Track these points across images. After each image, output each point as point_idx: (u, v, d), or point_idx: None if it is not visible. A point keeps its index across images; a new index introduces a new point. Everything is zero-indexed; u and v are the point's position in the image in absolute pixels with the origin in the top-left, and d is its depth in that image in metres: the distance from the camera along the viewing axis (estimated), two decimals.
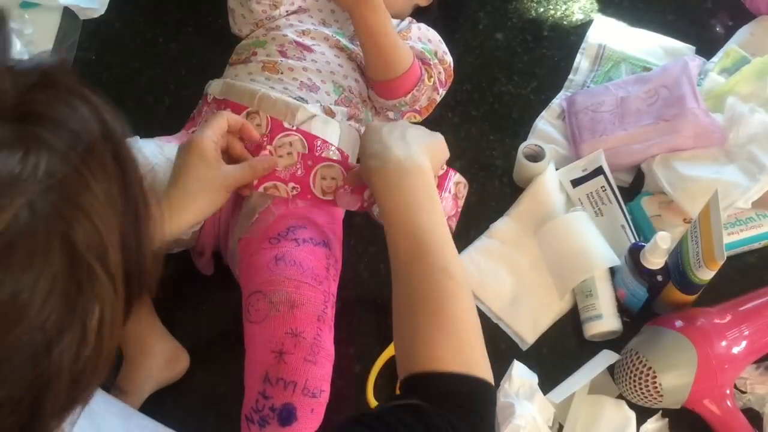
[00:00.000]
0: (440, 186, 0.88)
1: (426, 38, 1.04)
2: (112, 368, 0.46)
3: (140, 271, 0.42)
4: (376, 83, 0.99)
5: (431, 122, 1.13)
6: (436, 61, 1.02)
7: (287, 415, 0.77)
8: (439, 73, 1.01)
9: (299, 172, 0.89)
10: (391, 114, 1.04)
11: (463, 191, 0.92)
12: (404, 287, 0.70)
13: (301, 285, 0.82)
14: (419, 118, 1.05)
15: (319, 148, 0.93)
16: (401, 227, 0.72)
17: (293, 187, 0.88)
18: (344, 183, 0.87)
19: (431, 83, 0.99)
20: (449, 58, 1.05)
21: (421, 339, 0.66)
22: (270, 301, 0.80)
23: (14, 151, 0.35)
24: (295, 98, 0.94)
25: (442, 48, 1.05)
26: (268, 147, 0.88)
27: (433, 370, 0.64)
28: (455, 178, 0.90)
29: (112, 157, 0.40)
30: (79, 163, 0.37)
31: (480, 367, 0.66)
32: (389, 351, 0.91)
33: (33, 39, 1.12)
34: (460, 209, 0.93)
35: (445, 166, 0.88)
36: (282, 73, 0.96)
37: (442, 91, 1.04)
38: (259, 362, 0.79)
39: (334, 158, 0.92)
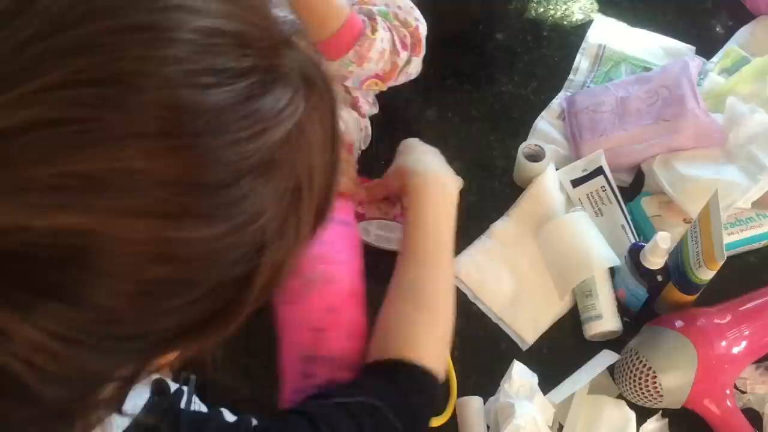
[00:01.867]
0: None
1: (395, 4, 1.00)
2: None
3: (326, 204, 0.49)
4: (318, 45, 0.96)
5: (431, 122, 1.13)
6: (396, 23, 0.97)
7: None
8: (404, 36, 0.96)
9: None
10: (349, 82, 0.98)
11: None
12: (411, 279, 0.79)
13: (332, 262, 0.82)
14: (383, 85, 0.99)
15: None
16: (426, 228, 0.81)
17: None
18: (369, 197, 0.92)
19: (375, 37, 0.92)
20: (416, 22, 0.98)
21: (412, 329, 0.74)
22: (305, 280, 0.80)
23: (286, 91, 0.41)
24: None
25: (414, 15, 0.99)
26: None
27: (415, 361, 0.71)
28: None
29: (328, 108, 0.46)
30: (312, 106, 0.43)
31: (443, 371, 0.76)
32: None
33: None
34: None
35: None
36: None
37: (405, 54, 0.97)
38: (297, 342, 0.79)
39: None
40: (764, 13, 1.14)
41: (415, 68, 1.01)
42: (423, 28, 0.99)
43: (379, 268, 1.00)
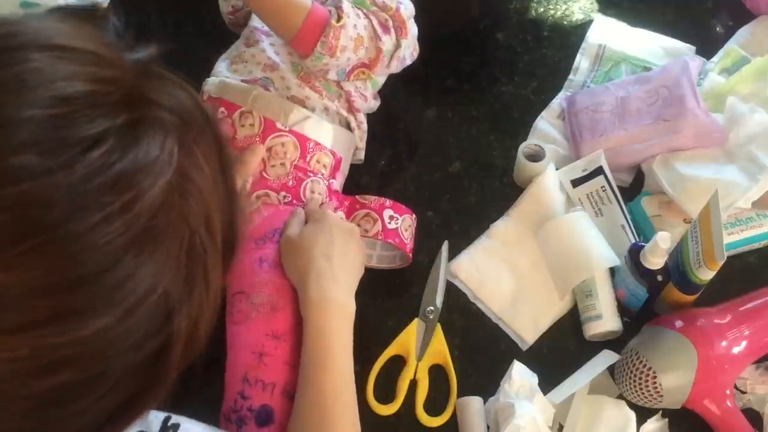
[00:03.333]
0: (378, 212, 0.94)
1: None
2: None
3: (233, 238, 0.46)
4: (291, 45, 0.94)
5: (431, 122, 1.13)
6: (374, 8, 0.94)
7: (265, 416, 0.77)
8: (385, 20, 0.94)
9: (290, 183, 0.90)
10: (333, 75, 0.96)
11: (405, 223, 0.95)
12: (302, 406, 0.75)
13: (282, 288, 0.82)
14: (371, 74, 0.97)
15: (311, 150, 0.93)
16: (325, 354, 0.77)
17: (284, 196, 0.89)
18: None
19: (341, 24, 0.89)
20: (396, 4, 0.95)
21: None
22: (251, 303, 0.81)
23: (153, 132, 0.38)
24: (260, 78, 0.94)
25: (396, 0, 0.96)
26: (263, 155, 0.89)
27: None
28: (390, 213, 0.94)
29: (212, 141, 0.43)
30: (191, 145, 0.40)
31: None
32: (389, 351, 0.92)
33: None
34: (406, 240, 0.95)
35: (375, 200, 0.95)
36: (246, 62, 0.97)
37: (388, 38, 0.94)
38: (240, 363, 0.80)
39: (323, 179, 0.94)
40: (764, 13, 1.14)
41: (407, 52, 0.99)
42: (406, 10, 0.96)
43: (362, 276, 1.00)
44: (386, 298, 0.98)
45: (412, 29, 0.98)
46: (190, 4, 1.23)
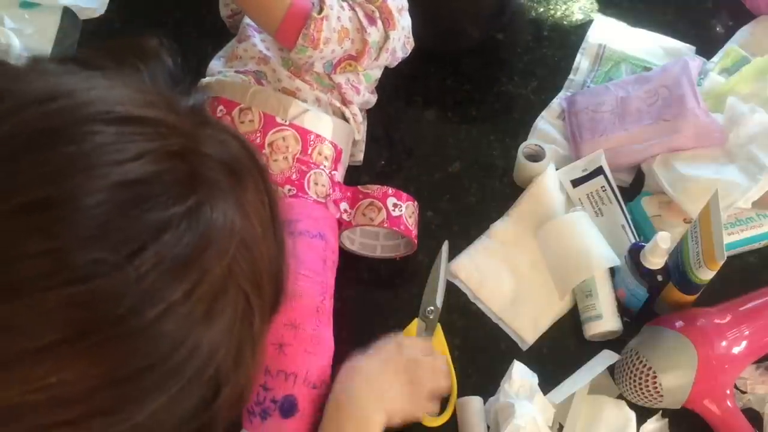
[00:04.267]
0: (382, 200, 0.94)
1: None
2: None
3: (279, 289, 0.44)
4: (275, 38, 0.93)
5: (431, 122, 1.13)
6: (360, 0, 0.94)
7: (289, 407, 0.77)
8: (372, 11, 0.94)
9: (294, 176, 0.90)
10: (320, 68, 0.95)
11: (409, 210, 0.96)
12: None
13: (297, 277, 0.82)
14: (358, 66, 0.96)
15: (312, 142, 0.93)
16: None
17: (289, 189, 0.89)
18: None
19: (322, 15, 0.88)
20: None
21: None
22: None
23: (217, 201, 0.36)
24: (253, 71, 0.94)
25: None
26: (264, 150, 0.88)
27: None
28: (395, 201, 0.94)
29: (264, 190, 0.41)
30: (243, 201, 0.39)
31: None
32: None
33: (33, 39, 1.12)
34: (411, 228, 0.95)
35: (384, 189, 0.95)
36: (240, 57, 0.98)
37: (374, 30, 0.93)
38: None
39: (325, 171, 0.93)
40: (764, 13, 1.14)
41: (398, 44, 0.98)
42: (394, 1, 0.95)
43: (362, 276, 1.00)
44: (386, 298, 0.98)
45: (403, 21, 0.97)
46: (190, 4, 1.23)
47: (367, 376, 0.77)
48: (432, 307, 0.94)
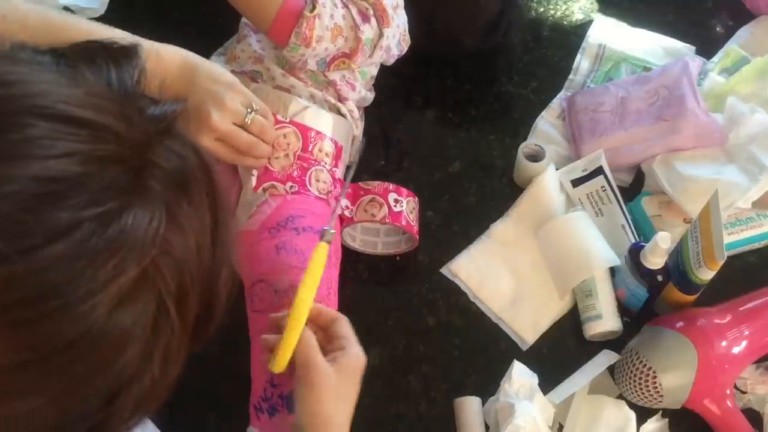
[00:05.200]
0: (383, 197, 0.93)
1: None
2: None
3: (211, 314, 0.44)
4: (268, 36, 0.93)
5: (431, 122, 1.13)
6: None
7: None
8: (366, 9, 0.93)
9: (295, 173, 0.90)
10: (314, 65, 0.95)
11: (410, 205, 0.96)
12: None
13: (302, 273, 0.81)
14: (352, 63, 0.95)
15: (313, 139, 0.93)
16: None
17: (291, 186, 0.89)
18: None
19: (314, 14, 0.88)
20: None
21: None
22: (274, 290, 0.80)
23: (141, 211, 0.36)
24: (249, 71, 0.95)
25: None
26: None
27: None
28: (396, 196, 0.94)
29: (208, 208, 0.41)
30: (182, 217, 0.39)
31: None
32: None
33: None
34: (412, 223, 0.95)
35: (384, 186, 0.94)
36: (238, 57, 0.98)
37: (367, 28, 0.93)
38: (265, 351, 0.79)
39: (326, 167, 0.93)
40: (764, 13, 1.14)
41: (393, 42, 0.97)
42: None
43: (362, 276, 1.00)
44: (387, 297, 0.99)
45: (398, 19, 0.97)
46: (190, 3, 1.23)
47: (341, 429, 0.67)
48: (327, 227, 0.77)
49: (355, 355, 0.68)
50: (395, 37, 0.97)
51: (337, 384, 0.67)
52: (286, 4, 0.88)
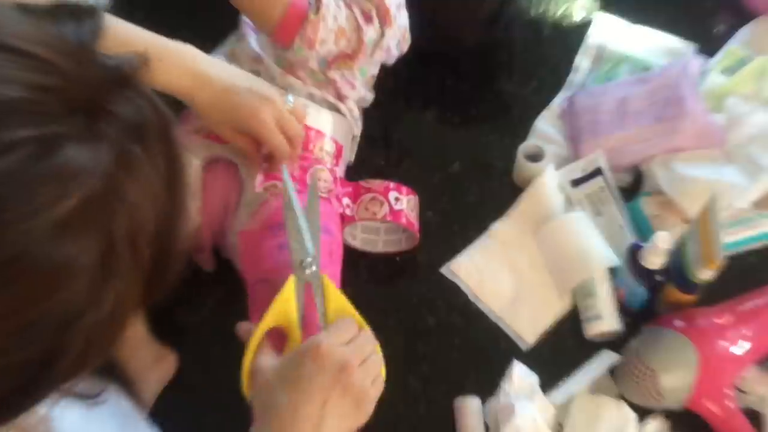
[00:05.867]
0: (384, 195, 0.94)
1: None
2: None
3: (166, 265, 0.45)
4: (271, 38, 0.93)
5: (431, 122, 1.13)
6: None
7: None
8: (369, 9, 0.93)
9: (296, 172, 0.90)
10: (315, 64, 0.95)
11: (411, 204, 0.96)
12: None
13: None
14: (352, 64, 0.96)
15: (313, 138, 0.93)
16: None
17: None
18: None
19: (319, 17, 0.88)
20: None
21: None
22: (273, 286, 0.80)
23: (83, 144, 0.38)
24: (248, 71, 0.94)
25: None
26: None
27: None
28: (396, 195, 0.95)
29: (164, 158, 0.42)
30: (134, 161, 0.40)
31: None
32: (263, 325, 0.72)
33: None
34: (414, 221, 0.96)
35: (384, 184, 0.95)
36: (237, 56, 0.99)
37: (370, 29, 0.93)
38: None
39: (327, 166, 0.94)
40: (764, 13, 1.14)
41: (393, 42, 0.97)
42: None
43: (362, 276, 1.00)
44: (386, 297, 0.99)
45: (400, 19, 0.97)
46: (190, 3, 1.23)
47: (293, 417, 0.62)
48: (308, 258, 0.73)
49: (308, 341, 0.65)
50: (395, 38, 0.97)
51: (279, 369, 0.65)
52: (291, 7, 0.88)
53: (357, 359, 0.65)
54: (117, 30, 0.78)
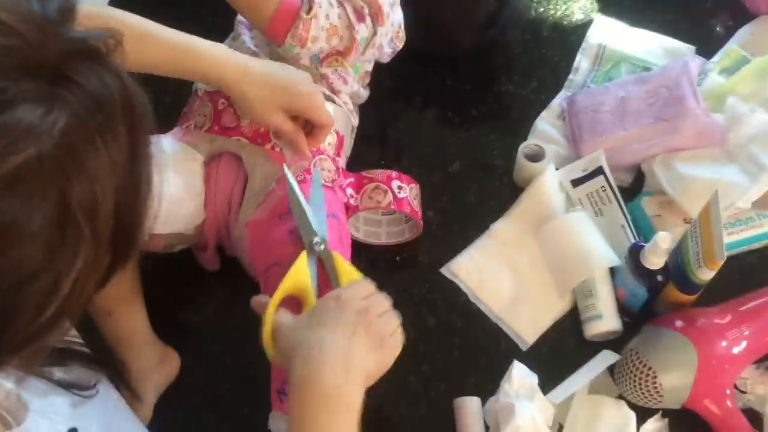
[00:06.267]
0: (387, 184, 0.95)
1: None
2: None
3: (128, 241, 0.46)
4: (265, 35, 0.94)
5: (431, 122, 1.13)
6: None
7: None
8: (361, 8, 0.94)
9: (262, 129, 0.91)
10: (306, 61, 0.96)
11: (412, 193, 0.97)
12: None
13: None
14: (344, 61, 0.96)
15: None
16: None
17: (297, 175, 0.90)
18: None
19: (311, 16, 0.89)
20: None
21: None
22: (286, 269, 0.80)
23: (38, 105, 0.38)
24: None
25: None
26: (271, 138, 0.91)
27: None
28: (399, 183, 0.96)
29: (127, 132, 0.43)
30: (94, 130, 0.41)
31: None
32: (279, 293, 0.75)
33: None
34: (417, 209, 0.97)
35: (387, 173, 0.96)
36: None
37: (362, 27, 0.93)
38: None
39: (329, 157, 0.94)
40: (764, 13, 1.14)
41: (385, 39, 0.98)
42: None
43: (380, 267, 1.00)
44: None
45: (394, 16, 0.97)
46: (190, 3, 1.23)
47: (320, 349, 0.64)
48: (316, 239, 0.80)
49: (328, 294, 0.70)
50: (387, 35, 0.98)
51: (302, 320, 0.69)
52: (283, 4, 0.88)
53: (375, 309, 0.69)
54: (149, 29, 0.82)
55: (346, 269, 0.78)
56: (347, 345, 0.65)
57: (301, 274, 0.76)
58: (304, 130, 0.90)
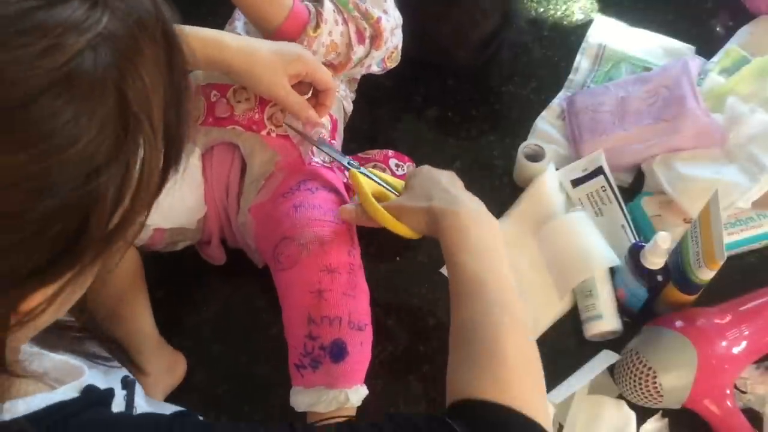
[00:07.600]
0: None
1: None
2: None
3: (177, 140, 0.48)
4: (267, 39, 0.94)
5: (431, 122, 1.13)
6: (356, 13, 0.94)
7: (338, 351, 0.77)
8: (364, 29, 0.94)
9: (256, 116, 0.92)
10: None
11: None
12: (461, 321, 0.68)
13: (325, 224, 0.82)
14: (334, 73, 0.97)
15: None
16: (467, 267, 0.70)
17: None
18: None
19: (317, 34, 0.90)
20: (380, 14, 0.95)
21: (467, 368, 0.63)
22: (300, 244, 0.80)
23: (83, 3, 0.40)
24: None
25: (382, 5, 0.96)
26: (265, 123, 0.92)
27: (471, 397, 0.60)
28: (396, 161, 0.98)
29: (162, 35, 0.45)
30: (135, 30, 0.42)
31: (526, 402, 0.60)
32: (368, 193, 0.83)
33: None
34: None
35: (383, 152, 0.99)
36: None
37: (360, 48, 0.95)
38: (299, 306, 0.79)
39: (326, 138, 0.95)
40: (764, 13, 1.14)
41: (376, 61, 0.99)
42: (388, 22, 0.95)
43: (379, 268, 1.00)
44: (385, 297, 0.98)
45: (392, 40, 0.98)
46: (190, 3, 1.23)
47: (449, 185, 0.80)
48: (348, 161, 0.91)
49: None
50: (380, 57, 0.99)
51: (413, 177, 0.83)
52: (292, 15, 0.89)
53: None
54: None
55: (385, 176, 0.88)
56: (459, 184, 0.83)
57: (366, 183, 0.84)
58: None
